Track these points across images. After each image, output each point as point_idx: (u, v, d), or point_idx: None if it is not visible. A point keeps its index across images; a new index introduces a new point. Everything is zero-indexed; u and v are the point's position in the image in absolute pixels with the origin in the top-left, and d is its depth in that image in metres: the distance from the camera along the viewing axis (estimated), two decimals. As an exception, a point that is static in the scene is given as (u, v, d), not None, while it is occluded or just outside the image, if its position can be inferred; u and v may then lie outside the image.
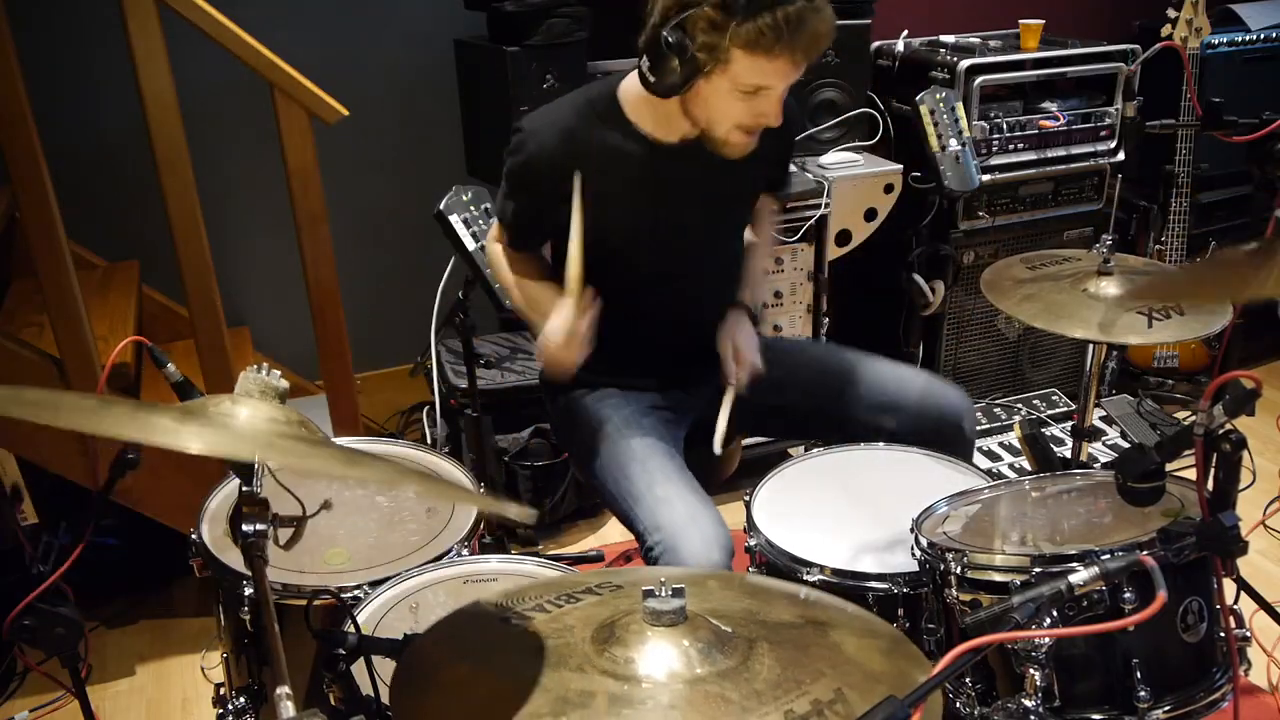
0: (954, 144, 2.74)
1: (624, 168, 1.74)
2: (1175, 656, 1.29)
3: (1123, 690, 1.26)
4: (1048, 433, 3.04)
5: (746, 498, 1.74)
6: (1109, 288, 1.85)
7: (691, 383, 1.96)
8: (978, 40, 3.12)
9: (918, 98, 2.73)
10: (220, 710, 1.65)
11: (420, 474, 1.14)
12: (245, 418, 0.95)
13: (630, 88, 1.74)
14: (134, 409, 0.88)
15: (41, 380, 2.25)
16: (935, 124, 2.73)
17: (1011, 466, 2.92)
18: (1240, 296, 1.66)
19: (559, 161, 1.69)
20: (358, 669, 1.17)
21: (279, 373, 1.04)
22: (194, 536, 1.64)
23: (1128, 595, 1.22)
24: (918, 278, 2.91)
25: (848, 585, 1.53)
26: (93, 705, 1.74)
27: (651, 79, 1.60)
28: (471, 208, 2.26)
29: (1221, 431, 1.21)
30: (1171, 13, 2.95)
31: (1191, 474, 1.24)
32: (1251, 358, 3.49)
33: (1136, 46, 3.04)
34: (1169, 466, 1.24)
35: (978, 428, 3.07)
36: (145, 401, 0.91)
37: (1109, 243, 1.91)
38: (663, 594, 1.05)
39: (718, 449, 1.78)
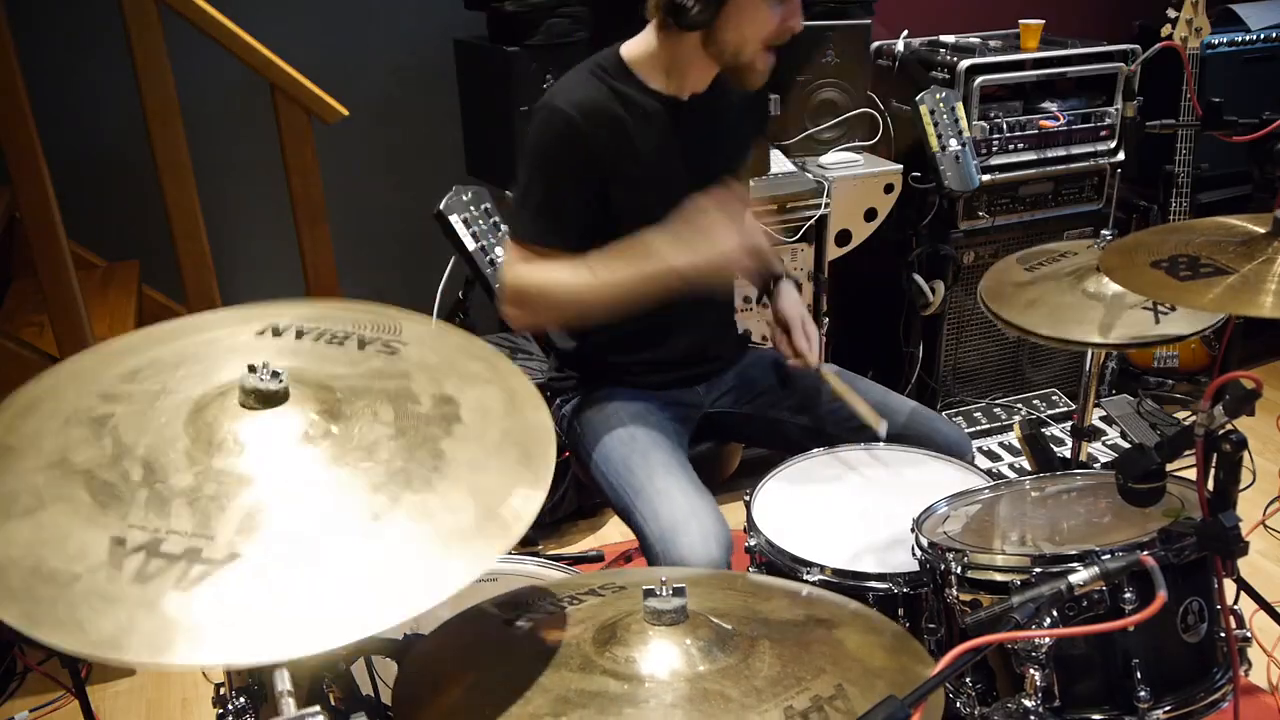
0: (954, 144, 2.74)
1: (645, 124, 1.73)
2: (1175, 656, 1.29)
3: (1123, 690, 1.25)
4: (1048, 433, 3.04)
5: (746, 498, 1.74)
6: (1109, 285, 1.84)
7: (702, 377, 1.96)
8: (978, 40, 3.12)
9: (918, 98, 2.73)
10: (220, 710, 1.64)
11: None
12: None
13: (635, 48, 1.75)
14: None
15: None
16: (935, 124, 2.73)
17: (1011, 466, 2.92)
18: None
19: (589, 127, 1.66)
20: (358, 669, 1.17)
21: (279, 372, 1.03)
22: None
23: (1128, 595, 1.22)
24: (918, 278, 2.91)
25: (848, 585, 1.53)
26: (93, 705, 1.74)
27: (692, 6, 1.60)
28: (471, 208, 2.26)
29: (1222, 431, 1.20)
30: (1171, 13, 2.95)
31: (1191, 474, 1.24)
32: (1251, 358, 3.49)
33: (1136, 46, 3.04)
34: (1169, 466, 1.24)
35: (978, 428, 3.09)
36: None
37: (1108, 238, 1.91)
38: (664, 593, 1.05)
39: (882, 432, 1.80)
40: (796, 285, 1.99)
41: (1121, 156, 3.11)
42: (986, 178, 2.92)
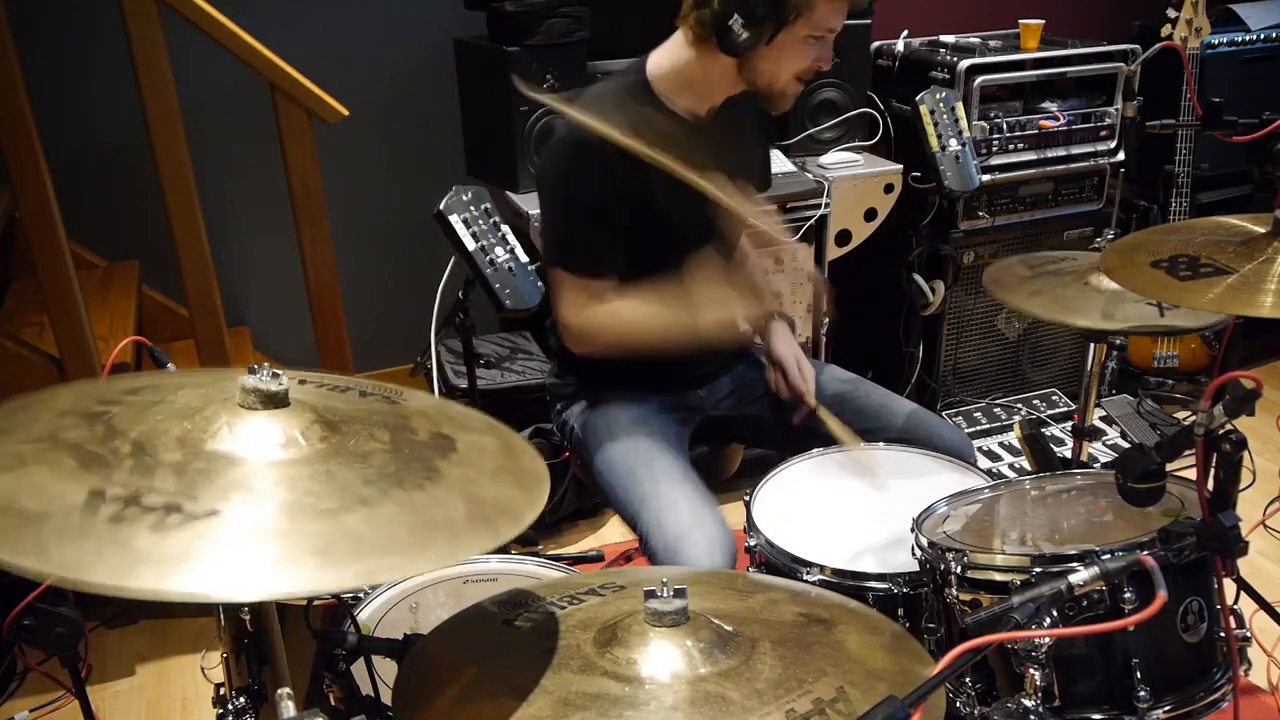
0: (954, 144, 2.74)
1: (666, 148, 1.74)
2: (1175, 656, 1.29)
3: (1123, 690, 1.25)
4: (1048, 433, 3.04)
5: (746, 498, 1.74)
6: (1111, 282, 1.84)
7: (703, 380, 1.97)
8: (978, 40, 3.12)
9: (918, 98, 2.73)
10: (220, 710, 1.64)
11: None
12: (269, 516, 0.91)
13: (662, 62, 1.77)
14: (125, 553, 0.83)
15: (42, 380, 2.25)
16: (935, 124, 2.73)
17: (1011, 466, 2.92)
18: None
19: (615, 162, 1.67)
20: (358, 669, 1.17)
21: (279, 373, 1.03)
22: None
23: (1128, 595, 1.22)
24: (918, 278, 2.91)
25: (848, 585, 1.53)
26: (93, 705, 1.73)
27: (744, 36, 1.64)
28: (471, 208, 2.25)
29: (1222, 431, 1.20)
30: (1171, 13, 2.95)
31: (1191, 474, 1.24)
32: (1251, 358, 3.49)
33: (1136, 46, 3.04)
34: (1169, 466, 1.24)
35: (978, 428, 3.09)
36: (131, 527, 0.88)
37: (1111, 237, 1.91)
38: (665, 594, 1.05)
39: (859, 443, 1.84)
40: (790, 324, 2.01)
41: (1121, 156, 3.11)
42: (986, 178, 2.92)
